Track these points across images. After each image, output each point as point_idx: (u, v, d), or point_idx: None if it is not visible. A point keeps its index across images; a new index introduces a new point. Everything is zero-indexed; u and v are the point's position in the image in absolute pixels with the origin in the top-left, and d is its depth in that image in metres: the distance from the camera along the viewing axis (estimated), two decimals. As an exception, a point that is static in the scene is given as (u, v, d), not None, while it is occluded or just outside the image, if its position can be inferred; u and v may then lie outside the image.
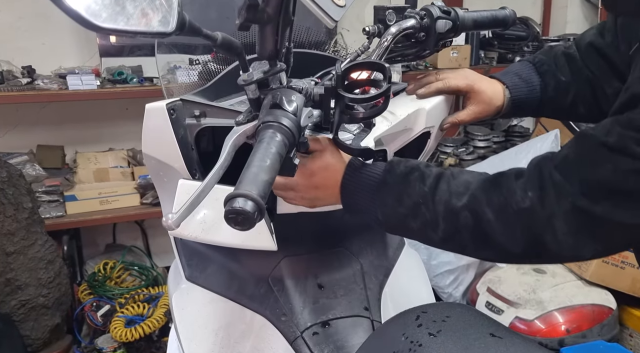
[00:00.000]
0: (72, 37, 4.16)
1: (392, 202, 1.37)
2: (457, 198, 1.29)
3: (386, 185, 1.37)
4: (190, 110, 1.45)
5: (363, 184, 1.40)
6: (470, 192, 1.29)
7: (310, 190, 1.43)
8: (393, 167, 1.39)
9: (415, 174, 1.36)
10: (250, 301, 1.63)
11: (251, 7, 1.15)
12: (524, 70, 1.75)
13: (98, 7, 0.90)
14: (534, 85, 1.72)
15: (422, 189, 1.33)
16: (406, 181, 1.36)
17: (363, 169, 1.41)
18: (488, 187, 1.28)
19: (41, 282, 3.39)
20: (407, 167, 1.38)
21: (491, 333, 1.27)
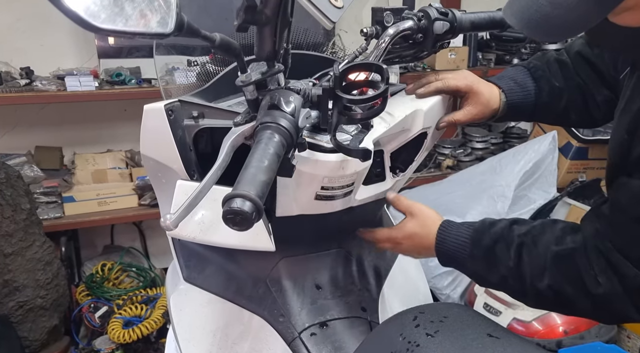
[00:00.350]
0: (71, 39, 4.16)
1: (482, 273, 1.50)
2: (539, 279, 1.39)
3: (474, 259, 1.50)
4: (188, 111, 1.45)
5: (454, 255, 1.54)
6: (549, 272, 1.38)
7: (406, 250, 1.64)
8: (480, 239, 1.49)
9: (499, 245, 1.46)
10: (248, 302, 1.63)
11: (249, 9, 1.16)
12: (519, 75, 1.77)
13: (97, 8, 0.90)
14: (529, 89, 1.74)
15: (508, 264, 1.44)
16: (492, 255, 1.47)
17: (452, 236, 1.55)
18: (563, 267, 1.37)
19: (39, 283, 3.39)
20: (492, 238, 1.47)
21: (489, 334, 1.27)
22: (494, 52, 5.14)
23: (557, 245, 1.38)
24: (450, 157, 5.05)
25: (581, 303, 1.35)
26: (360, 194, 1.58)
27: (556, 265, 1.36)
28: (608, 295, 1.30)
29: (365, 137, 1.43)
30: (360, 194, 1.58)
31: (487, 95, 1.71)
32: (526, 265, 1.40)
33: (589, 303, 1.34)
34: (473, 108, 1.71)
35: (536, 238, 1.42)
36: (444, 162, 5.01)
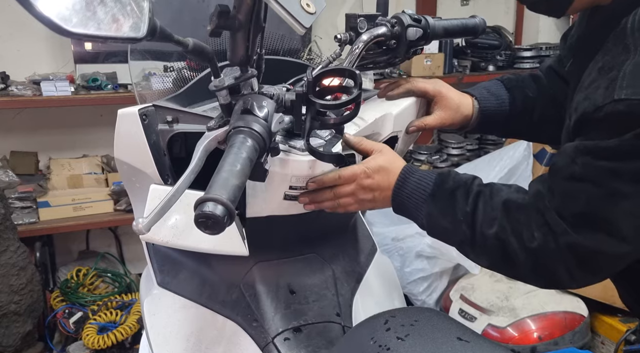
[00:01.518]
0: (47, 44, 4.15)
1: (437, 214, 1.48)
2: (489, 225, 1.40)
3: (434, 198, 1.48)
4: (162, 116, 1.46)
5: (413, 193, 1.51)
6: (499, 221, 1.39)
7: (367, 193, 1.53)
8: (443, 182, 1.49)
9: (460, 190, 1.46)
10: (222, 307, 1.63)
11: (222, 14, 1.17)
12: (493, 86, 1.82)
13: (69, 12, 0.90)
14: (503, 98, 1.78)
15: (464, 209, 1.44)
16: (452, 197, 1.46)
17: (415, 176, 1.52)
18: (510, 218, 1.38)
19: (13, 288, 3.38)
20: (455, 183, 1.48)
21: (458, 338, 1.28)
22: (470, 58, 5.16)
23: (508, 198, 1.40)
24: (426, 163, 5.06)
25: (520, 258, 1.36)
26: (330, 196, 1.59)
27: (505, 215, 1.38)
28: (541, 251, 1.32)
29: (339, 142, 1.44)
30: (330, 196, 1.59)
31: (456, 100, 1.73)
32: (480, 212, 1.42)
33: (526, 259, 1.36)
34: (442, 112, 1.73)
35: (493, 191, 1.44)
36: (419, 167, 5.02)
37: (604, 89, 1.17)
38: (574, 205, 1.26)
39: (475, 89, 1.82)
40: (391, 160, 1.53)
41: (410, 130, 1.72)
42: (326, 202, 1.51)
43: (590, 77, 1.27)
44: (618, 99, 1.13)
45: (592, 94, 1.21)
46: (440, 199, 1.47)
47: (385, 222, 4.13)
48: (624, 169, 1.17)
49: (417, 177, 1.51)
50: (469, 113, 1.76)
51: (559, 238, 1.28)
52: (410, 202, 1.52)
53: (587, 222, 1.25)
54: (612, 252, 1.28)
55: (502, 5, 5.78)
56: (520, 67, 5.24)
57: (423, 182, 1.50)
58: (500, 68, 5.18)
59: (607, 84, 1.17)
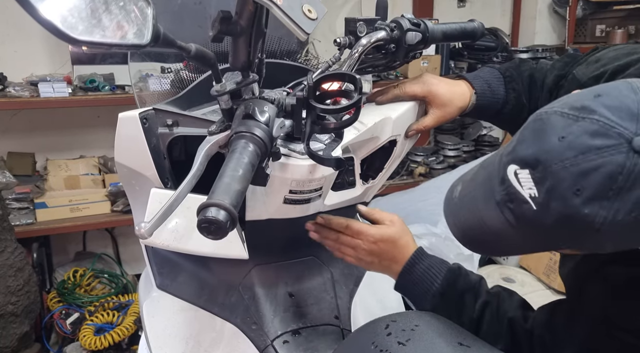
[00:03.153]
0: (44, 45, 4.15)
1: (442, 312, 1.48)
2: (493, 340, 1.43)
3: (443, 297, 1.51)
4: (162, 119, 1.46)
5: (422, 281, 1.54)
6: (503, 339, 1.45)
7: (368, 255, 1.56)
8: (455, 281, 1.52)
9: (469, 294, 1.49)
10: (221, 309, 1.63)
11: (225, 20, 1.17)
12: (494, 81, 1.79)
13: (75, 20, 0.91)
14: (498, 98, 1.77)
15: (471, 315, 1.48)
16: (461, 301, 1.50)
17: (426, 264, 1.55)
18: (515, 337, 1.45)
19: (10, 289, 3.37)
20: (466, 284, 1.51)
21: (459, 343, 1.29)
22: (466, 60, 5.17)
23: (514, 317, 1.45)
24: (422, 165, 5.07)
25: None
26: (329, 200, 1.59)
27: (510, 335, 1.43)
28: None
29: (338, 146, 1.44)
30: (329, 200, 1.59)
31: (448, 95, 1.73)
32: (486, 323, 1.45)
33: None
34: (437, 110, 1.74)
35: (500, 302, 1.48)
36: (416, 169, 5.03)
37: None
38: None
39: (476, 79, 1.79)
40: (401, 234, 1.57)
41: (410, 134, 1.73)
42: (328, 241, 1.57)
43: None
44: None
45: None
46: (449, 301, 1.50)
47: (381, 223, 4.12)
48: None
49: (427, 266, 1.55)
50: (463, 105, 1.75)
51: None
52: (416, 289, 1.56)
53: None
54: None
55: (499, 7, 5.80)
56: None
57: (432, 272, 1.53)
58: (496, 70, 5.18)
59: None
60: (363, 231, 1.53)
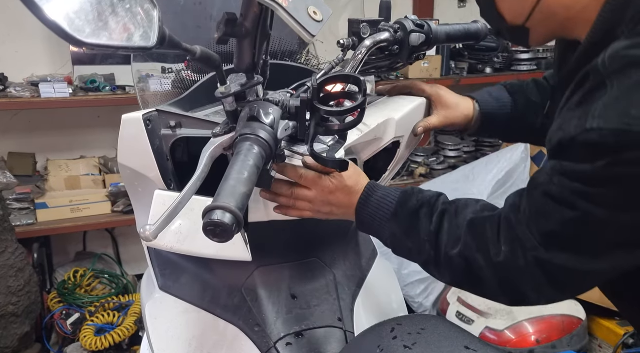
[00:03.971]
0: (45, 45, 4.15)
1: (401, 235, 1.46)
2: (453, 246, 1.39)
3: (397, 218, 1.46)
4: (166, 120, 1.46)
5: (376, 213, 1.48)
6: (463, 239, 1.37)
7: (325, 206, 1.50)
8: (406, 201, 1.47)
9: (424, 209, 1.44)
10: (223, 311, 1.63)
11: (230, 22, 1.17)
12: (495, 90, 1.83)
13: (82, 23, 0.91)
14: (504, 102, 1.78)
15: (428, 228, 1.42)
16: (415, 217, 1.44)
17: (377, 195, 1.49)
18: (476, 234, 1.37)
19: (11, 290, 3.37)
20: (419, 202, 1.46)
21: (466, 346, 1.28)
22: (467, 61, 5.16)
23: (475, 217, 1.39)
24: (423, 165, 5.07)
25: (486, 274, 1.35)
26: (333, 201, 1.59)
27: (470, 231, 1.37)
28: (509, 265, 1.31)
29: (342, 147, 1.44)
30: (333, 201, 1.59)
31: (455, 100, 1.76)
32: (445, 233, 1.40)
33: (492, 275, 1.35)
34: (443, 111, 1.76)
35: (459, 208, 1.43)
36: (416, 170, 5.02)
37: (577, 119, 1.19)
38: (547, 223, 1.26)
39: (476, 93, 1.83)
40: (357, 179, 1.50)
41: (418, 131, 1.73)
42: (282, 198, 1.49)
43: (567, 110, 1.28)
44: (590, 129, 1.15)
45: (566, 125, 1.22)
46: (403, 219, 1.46)
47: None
48: (596, 194, 1.19)
49: (380, 196, 1.49)
50: (469, 113, 1.77)
51: (528, 254, 1.28)
52: (373, 221, 1.50)
53: (559, 240, 1.26)
54: (582, 269, 1.28)
55: (500, 8, 5.78)
56: (518, 69, 5.24)
57: (386, 200, 1.48)
58: (497, 70, 5.18)
59: (580, 115, 1.19)
60: (318, 182, 1.46)
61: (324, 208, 1.50)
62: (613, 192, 1.18)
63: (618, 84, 1.16)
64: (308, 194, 1.47)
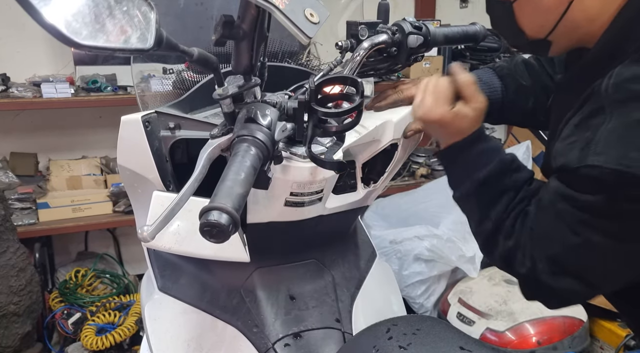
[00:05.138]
0: (47, 45, 4.15)
1: (475, 200, 1.50)
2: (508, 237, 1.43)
3: (482, 186, 1.48)
4: (165, 122, 1.47)
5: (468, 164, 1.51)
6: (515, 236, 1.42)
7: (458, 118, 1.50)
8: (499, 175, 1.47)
9: (510, 193, 1.46)
10: (222, 312, 1.64)
11: (227, 24, 1.18)
12: (484, 74, 1.82)
13: (79, 25, 0.91)
14: (495, 87, 1.78)
15: (500, 212, 1.45)
16: (497, 197, 1.47)
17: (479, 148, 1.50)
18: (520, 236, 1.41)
19: (12, 289, 3.37)
20: (511, 183, 1.47)
21: (461, 347, 1.29)
22: (469, 61, 5.15)
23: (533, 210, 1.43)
24: (424, 166, 5.06)
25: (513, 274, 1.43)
26: (331, 203, 1.59)
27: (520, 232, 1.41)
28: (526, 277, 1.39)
29: (340, 149, 1.45)
30: (331, 203, 1.59)
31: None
32: (508, 222, 1.43)
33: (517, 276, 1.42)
34: None
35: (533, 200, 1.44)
36: (418, 170, 5.02)
37: (579, 150, 1.22)
38: (551, 245, 1.31)
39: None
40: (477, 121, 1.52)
41: (408, 134, 1.72)
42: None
43: (568, 130, 1.32)
44: (592, 165, 1.18)
45: (568, 152, 1.26)
46: (487, 192, 1.47)
47: (383, 225, 4.12)
48: (598, 223, 1.23)
49: (479, 151, 1.50)
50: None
51: (542, 277, 1.33)
52: (459, 169, 1.53)
53: (565, 269, 1.31)
54: (586, 294, 1.37)
55: (501, 8, 5.77)
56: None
57: (482, 159, 1.49)
58: (498, 71, 5.16)
59: (583, 146, 1.22)
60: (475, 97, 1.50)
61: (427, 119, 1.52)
62: (614, 224, 1.22)
63: (617, 115, 1.19)
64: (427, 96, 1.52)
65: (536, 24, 1.45)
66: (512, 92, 1.81)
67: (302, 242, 1.70)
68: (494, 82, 1.82)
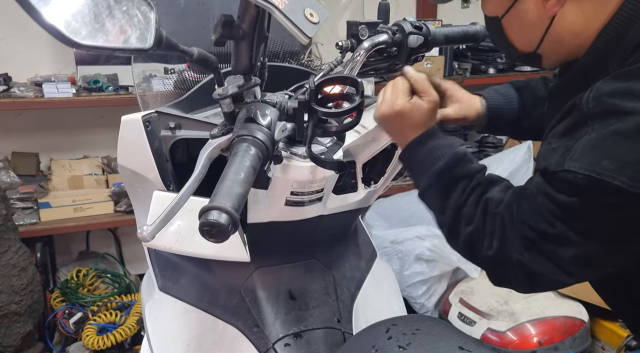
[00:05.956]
0: (49, 45, 4.15)
1: (434, 191, 1.53)
2: (467, 223, 1.46)
3: (439, 177, 1.51)
4: (165, 122, 1.47)
5: (425, 160, 1.54)
6: (475, 221, 1.45)
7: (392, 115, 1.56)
8: (453, 166, 1.50)
9: (464, 182, 1.48)
10: (222, 312, 1.64)
11: (227, 24, 1.18)
12: (501, 87, 1.86)
13: (78, 24, 0.92)
14: (511, 97, 1.81)
15: (458, 200, 1.48)
16: (453, 186, 1.49)
17: (433, 143, 1.54)
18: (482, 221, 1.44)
19: (14, 289, 3.37)
20: (464, 172, 1.50)
21: (460, 347, 1.29)
22: (470, 61, 5.14)
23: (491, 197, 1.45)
24: (426, 166, 5.04)
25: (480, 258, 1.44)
26: (331, 203, 1.59)
27: (482, 217, 1.44)
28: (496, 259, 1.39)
29: (340, 149, 1.45)
30: (331, 203, 1.59)
31: (467, 95, 1.79)
32: (466, 208, 1.46)
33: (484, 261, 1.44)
34: (457, 104, 1.77)
35: (487, 187, 1.48)
36: (420, 170, 5.00)
37: (559, 155, 1.28)
38: (530, 231, 1.33)
39: (483, 91, 1.85)
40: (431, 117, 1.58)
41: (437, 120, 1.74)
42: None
43: (552, 137, 1.37)
44: (567, 170, 1.24)
45: (550, 156, 1.31)
46: (443, 183, 1.50)
47: (384, 225, 4.12)
48: (571, 221, 1.28)
49: (433, 146, 1.53)
50: (479, 108, 1.79)
51: (513, 255, 1.36)
52: (418, 165, 1.56)
53: (538, 250, 1.33)
54: (557, 279, 1.37)
55: (503, 8, 5.76)
56: (521, 70, 5.22)
57: (437, 153, 1.52)
58: (500, 71, 5.16)
59: (562, 152, 1.28)
60: (428, 91, 1.57)
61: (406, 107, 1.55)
62: (583, 223, 1.27)
63: (597, 127, 1.25)
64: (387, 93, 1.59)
65: (524, 39, 1.51)
66: (528, 102, 1.84)
67: (303, 242, 1.70)
68: (510, 93, 1.85)
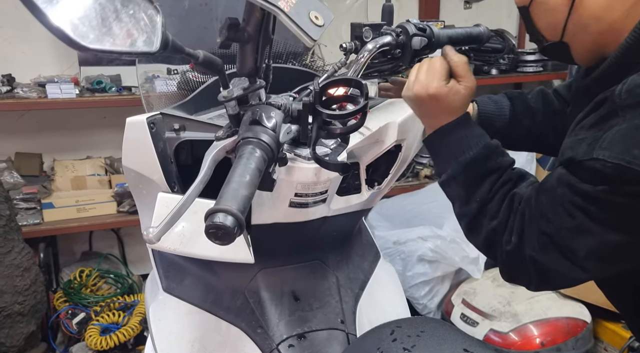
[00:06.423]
0: (52, 46, 4.16)
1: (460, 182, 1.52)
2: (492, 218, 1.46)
3: (466, 169, 1.50)
4: (169, 123, 1.47)
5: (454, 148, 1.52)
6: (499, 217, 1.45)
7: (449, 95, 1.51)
8: (484, 159, 1.50)
9: (493, 176, 1.48)
10: (226, 313, 1.64)
11: (232, 27, 1.18)
12: (495, 96, 1.90)
13: (85, 28, 0.92)
14: (503, 105, 1.84)
15: (485, 194, 1.48)
16: (482, 179, 1.48)
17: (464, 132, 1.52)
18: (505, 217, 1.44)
19: (17, 289, 3.38)
20: (495, 165, 1.49)
21: (465, 349, 1.29)
22: (473, 62, 5.14)
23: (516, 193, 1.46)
24: (428, 167, 5.05)
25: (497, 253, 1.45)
26: (335, 204, 1.60)
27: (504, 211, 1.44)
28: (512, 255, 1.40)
29: (344, 150, 1.45)
30: (335, 204, 1.60)
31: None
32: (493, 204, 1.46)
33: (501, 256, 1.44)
34: None
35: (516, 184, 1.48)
36: (422, 171, 5.01)
37: (587, 145, 1.28)
38: (547, 225, 1.33)
39: (477, 97, 1.87)
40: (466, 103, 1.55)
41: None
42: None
43: (580, 129, 1.36)
44: (596, 158, 1.24)
45: (577, 146, 1.31)
46: (471, 174, 1.50)
47: (387, 225, 4.13)
48: (593, 211, 1.28)
49: (464, 134, 1.52)
50: (471, 112, 1.82)
51: (527, 251, 1.36)
52: (446, 152, 1.54)
53: (555, 245, 1.33)
54: (570, 276, 1.38)
55: (505, 9, 5.77)
56: (524, 71, 5.21)
57: (468, 142, 1.51)
58: (503, 72, 5.16)
59: (591, 141, 1.28)
60: (467, 75, 1.53)
61: (442, 91, 1.51)
62: (606, 213, 1.27)
63: (629, 118, 1.24)
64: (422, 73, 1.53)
65: (549, 25, 1.52)
66: (519, 111, 1.87)
67: (307, 243, 1.71)
68: (503, 101, 1.88)
